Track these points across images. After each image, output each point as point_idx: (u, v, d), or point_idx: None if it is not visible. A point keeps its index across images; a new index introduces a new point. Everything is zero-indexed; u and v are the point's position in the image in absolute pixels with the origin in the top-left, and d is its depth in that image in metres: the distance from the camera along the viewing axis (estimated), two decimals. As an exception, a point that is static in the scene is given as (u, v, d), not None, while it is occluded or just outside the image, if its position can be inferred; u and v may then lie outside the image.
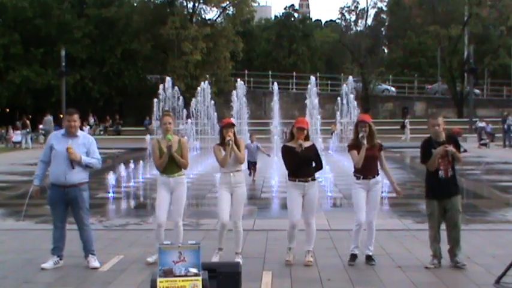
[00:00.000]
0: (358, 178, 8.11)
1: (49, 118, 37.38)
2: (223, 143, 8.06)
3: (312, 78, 29.85)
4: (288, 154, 8.02)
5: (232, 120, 8.58)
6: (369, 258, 8.06)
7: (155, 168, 8.36)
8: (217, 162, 8.23)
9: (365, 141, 7.96)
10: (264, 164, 19.78)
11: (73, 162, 7.72)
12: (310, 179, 8.04)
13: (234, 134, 8.12)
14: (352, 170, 8.27)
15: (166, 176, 8.04)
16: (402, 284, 7.19)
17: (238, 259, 7.81)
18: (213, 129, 30.09)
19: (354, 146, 8.12)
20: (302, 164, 7.99)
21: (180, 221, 8.12)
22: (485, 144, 33.95)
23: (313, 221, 8.16)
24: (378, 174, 8.15)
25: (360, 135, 8.01)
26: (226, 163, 8.04)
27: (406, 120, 41.96)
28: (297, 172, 8.02)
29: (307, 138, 8.10)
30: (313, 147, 8.16)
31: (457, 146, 7.95)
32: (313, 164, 8.13)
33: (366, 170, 8.05)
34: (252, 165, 17.98)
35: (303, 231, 8.21)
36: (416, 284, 7.13)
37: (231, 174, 8.08)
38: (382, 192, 9.21)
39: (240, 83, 31.84)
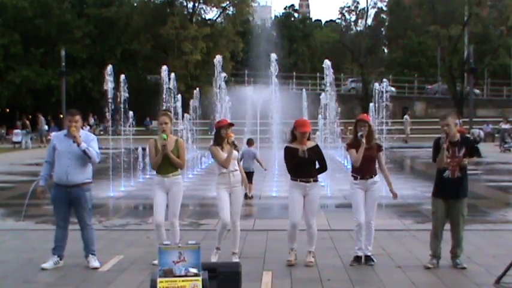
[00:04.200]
0: (355, 178, 8.11)
1: (41, 118, 38.26)
2: (220, 143, 8.01)
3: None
4: (290, 156, 7.97)
5: (229, 120, 8.52)
6: (368, 259, 8.05)
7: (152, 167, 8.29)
8: (218, 163, 8.05)
9: (364, 140, 7.97)
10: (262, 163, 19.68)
11: (75, 139, 7.64)
12: (312, 179, 7.99)
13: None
14: (350, 170, 8.27)
15: (161, 176, 7.96)
16: (402, 284, 7.18)
17: (235, 259, 7.76)
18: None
19: (352, 145, 8.12)
20: (304, 165, 7.94)
21: (175, 221, 8.05)
22: (509, 149, 29.98)
23: (314, 222, 8.12)
24: (375, 175, 8.13)
25: (359, 133, 8.02)
26: (230, 164, 7.97)
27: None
28: (299, 173, 7.99)
29: (308, 138, 8.07)
30: (316, 149, 8.09)
31: (472, 150, 7.87)
32: (317, 165, 8.09)
33: (363, 170, 8.05)
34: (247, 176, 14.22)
35: (303, 231, 8.19)
36: (416, 284, 7.13)
37: (230, 174, 8.00)
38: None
39: None
